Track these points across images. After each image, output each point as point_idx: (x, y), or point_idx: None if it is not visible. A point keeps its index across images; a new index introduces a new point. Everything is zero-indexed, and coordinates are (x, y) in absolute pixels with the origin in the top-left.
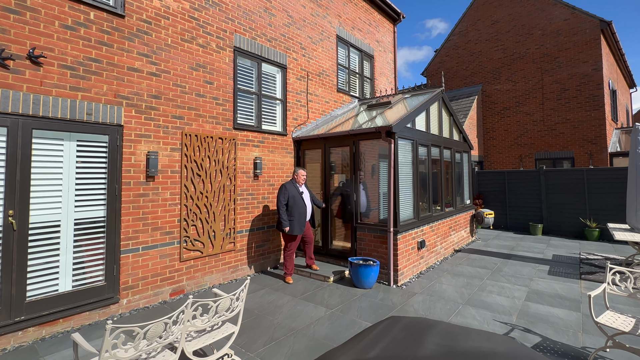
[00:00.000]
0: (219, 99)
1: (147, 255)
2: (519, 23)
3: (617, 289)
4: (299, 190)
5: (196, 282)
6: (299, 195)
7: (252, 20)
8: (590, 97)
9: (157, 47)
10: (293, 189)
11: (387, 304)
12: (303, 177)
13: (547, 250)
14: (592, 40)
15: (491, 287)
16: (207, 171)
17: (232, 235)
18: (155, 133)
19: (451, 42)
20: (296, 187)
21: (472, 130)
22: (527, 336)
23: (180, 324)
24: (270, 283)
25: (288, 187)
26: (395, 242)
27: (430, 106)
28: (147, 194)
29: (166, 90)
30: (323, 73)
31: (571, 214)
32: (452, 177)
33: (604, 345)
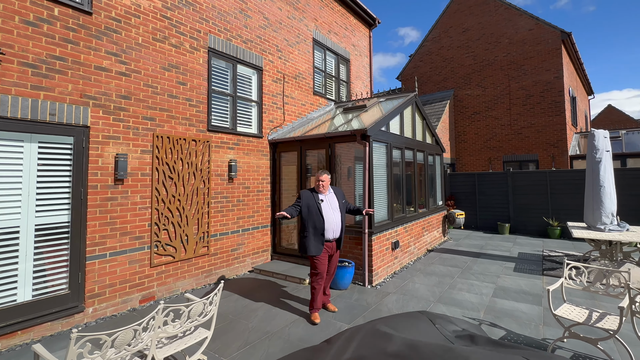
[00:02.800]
0: (192, 100)
1: (115, 261)
2: (488, 31)
3: (573, 283)
4: (315, 198)
5: (168, 288)
6: (314, 204)
7: (227, 22)
8: (553, 103)
9: (127, 46)
10: (309, 196)
11: (361, 304)
12: (322, 182)
13: (513, 249)
14: (553, 49)
15: (461, 285)
16: (179, 174)
17: (206, 239)
18: (124, 135)
19: (425, 47)
20: (314, 194)
21: (444, 133)
22: (493, 330)
23: (151, 330)
24: (245, 287)
25: (303, 193)
26: (370, 243)
27: (404, 110)
28: (115, 198)
29: (136, 91)
30: (299, 76)
31: (536, 213)
32: (425, 179)
33: (561, 336)
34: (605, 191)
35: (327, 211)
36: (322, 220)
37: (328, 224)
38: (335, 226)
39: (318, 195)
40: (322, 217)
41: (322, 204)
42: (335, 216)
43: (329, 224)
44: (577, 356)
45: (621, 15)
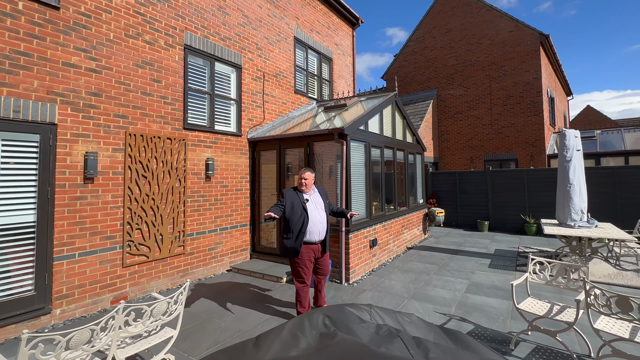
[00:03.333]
0: (167, 98)
1: (84, 261)
2: (470, 32)
3: (537, 277)
4: (301, 197)
5: (141, 288)
6: (300, 204)
7: (205, 19)
8: (531, 104)
9: (97, 42)
10: (293, 195)
11: (337, 301)
12: (305, 181)
13: (490, 245)
14: (532, 51)
15: (436, 282)
16: (153, 172)
17: (182, 238)
18: (95, 132)
19: (409, 47)
20: (299, 193)
21: (428, 132)
22: (462, 325)
23: (111, 330)
24: (221, 286)
25: (287, 191)
26: (347, 241)
27: (383, 109)
28: (85, 197)
29: (108, 88)
30: (280, 74)
31: (513, 211)
32: (406, 177)
33: (525, 329)
34: (575, 189)
35: (313, 211)
36: (307, 220)
37: (314, 225)
38: (321, 227)
39: (303, 195)
40: (308, 217)
41: (307, 204)
42: (321, 217)
43: (315, 225)
44: (539, 348)
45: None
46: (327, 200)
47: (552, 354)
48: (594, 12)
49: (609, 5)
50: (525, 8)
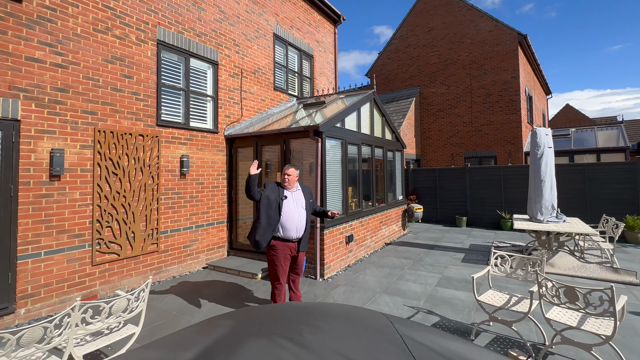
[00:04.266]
0: (139, 94)
1: (51, 260)
2: (452, 31)
3: (498, 270)
4: (279, 192)
5: (112, 286)
6: (276, 199)
7: (179, 14)
8: (510, 102)
9: (63, 36)
10: (273, 188)
11: (309, 296)
12: (287, 177)
13: (467, 240)
14: (511, 50)
15: (409, 276)
16: (125, 169)
17: (155, 235)
18: (61, 129)
19: (393, 45)
20: (280, 189)
21: (410, 130)
22: (429, 317)
23: (67, 327)
24: (196, 283)
25: (269, 184)
26: (322, 237)
27: (361, 107)
28: (51, 195)
29: (75, 84)
30: (259, 71)
31: (490, 207)
32: (385, 174)
33: (486, 319)
34: (545, 185)
35: (291, 209)
36: (278, 217)
37: (291, 222)
38: (300, 225)
39: (283, 191)
40: (280, 214)
41: (284, 201)
42: (300, 215)
43: (292, 222)
44: (499, 337)
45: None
46: (311, 200)
47: (510, 342)
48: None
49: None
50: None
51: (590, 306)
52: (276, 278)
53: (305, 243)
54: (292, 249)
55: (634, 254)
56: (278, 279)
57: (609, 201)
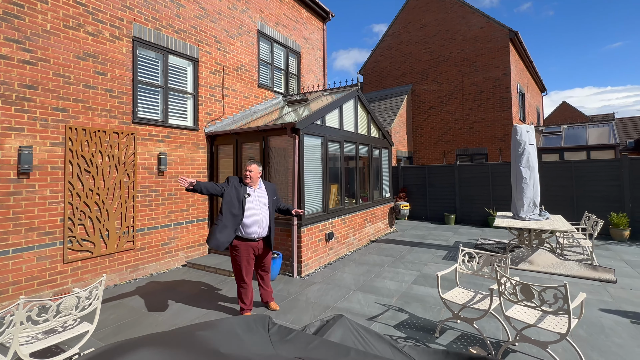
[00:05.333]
0: (114, 91)
1: (19, 257)
2: (444, 28)
3: (465, 268)
4: (242, 190)
5: (85, 284)
6: (238, 196)
7: (156, 10)
8: (501, 99)
9: (31, 33)
10: (236, 185)
11: (282, 294)
12: (249, 173)
13: (452, 238)
14: (502, 47)
15: (387, 274)
16: (98, 167)
17: (131, 233)
18: (30, 126)
19: (385, 42)
20: (242, 185)
21: (402, 127)
22: (397, 314)
23: (10, 326)
24: (171, 281)
25: (232, 179)
26: (299, 235)
27: (344, 104)
28: (19, 192)
29: (44, 81)
30: (242, 68)
31: (479, 204)
32: (370, 171)
33: (450, 317)
34: (527, 182)
35: (253, 207)
36: (242, 216)
37: (253, 222)
38: (261, 224)
39: (246, 188)
40: (243, 212)
41: (247, 199)
42: (262, 213)
43: (254, 222)
44: (464, 335)
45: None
46: (275, 197)
47: (475, 340)
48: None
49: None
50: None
51: (546, 304)
52: (241, 278)
53: (270, 241)
54: (256, 248)
55: (616, 251)
56: (243, 279)
57: (595, 198)
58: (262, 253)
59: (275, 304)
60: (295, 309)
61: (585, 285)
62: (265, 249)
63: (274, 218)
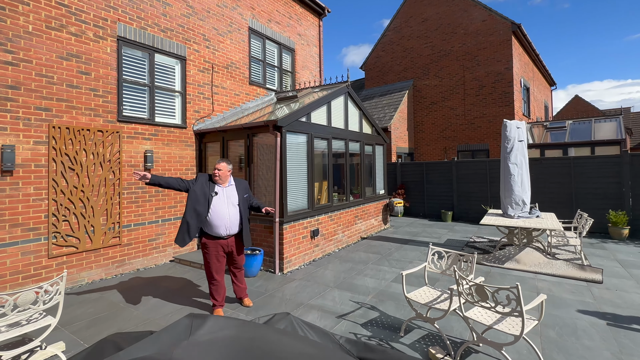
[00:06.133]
0: (98, 90)
1: (4, 252)
2: (445, 22)
3: (434, 266)
4: (209, 187)
5: (71, 278)
6: (202, 193)
7: (141, 9)
8: (503, 94)
9: (13, 34)
10: (204, 182)
11: (260, 290)
12: (218, 171)
13: (445, 235)
14: (504, 41)
15: (369, 271)
16: (82, 165)
17: (117, 229)
18: (12, 125)
19: (387, 37)
20: (211, 183)
21: (402, 123)
22: (368, 312)
23: None
24: (155, 276)
25: (201, 176)
26: (281, 231)
27: (332, 100)
28: (3, 189)
29: (27, 81)
30: (232, 65)
31: (476, 201)
32: (362, 168)
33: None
34: (515, 180)
35: (220, 205)
36: (206, 213)
37: (220, 220)
38: (229, 222)
39: (214, 186)
40: (209, 209)
41: (213, 197)
42: (230, 212)
43: (221, 220)
44: (429, 335)
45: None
46: (247, 195)
47: (439, 339)
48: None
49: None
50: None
51: (500, 305)
52: (211, 276)
53: (242, 238)
54: (225, 246)
55: (611, 250)
56: (213, 276)
57: (594, 196)
58: (233, 250)
59: (249, 300)
60: (269, 305)
61: (569, 286)
62: (238, 246)
63: (246, 215)
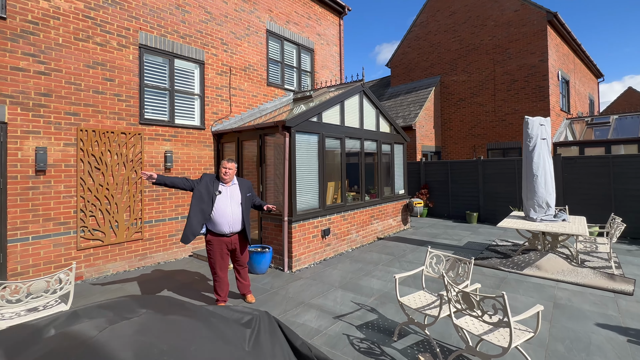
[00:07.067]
0: (121, 95)
1: (38, 244)
2: (474, 14)
3: (432, 270)
4: (213, 187)
5: (97, 269)
6: (210, 192)
7: (162, 18)
8: (537, 88)
9: (45, 46)
10: (209, 182)
11: (265, 287)
12: (228, 170)
13: (466, 238)
14: (539, 31)
15: (377, 272)
16: (107, 165)
17: (139, 225)
18: (45, 129)
19: (413, 33)
20: (215, 182)
21: (429, 121)
22: (367, 315)
23: None
24: (172, 270)
25: (206, 176)
26: (289, 230)
27: (346, 100)
28: (37, 187)
29: (57, 88)
30: (249, 67)
31: (504, 202)
32: (379, 167)
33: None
34: (538, 180)
35: (224, 204)
36: (210, 211)
37: (223, 218)
38: (233, 220)
39: (218, 185)
40: (212, 207)
41: (218, 196)
42: (234, 210)
43: (224, 218)
44: (425, 340)
45: None
46: (250, 194)
47: (432, 345)
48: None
49: None
50: None
51: (486, 314)
52: (215, 272)
53: (246, 236)
54: (228, 243)
55: None
56: (216, 273)
57: (636, 198)
58: (237, 248)
59: (252, 297)
60: (270, 302)
61: (592, 296)
62: (241, 244)
63: (248, 214)
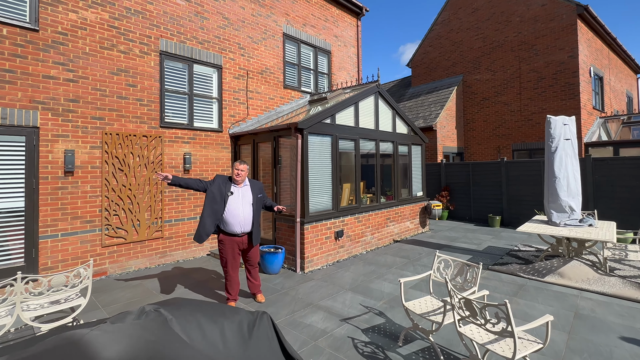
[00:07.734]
0: (143, 100)
1: (66, 240)
2: (498, 10)
3: (440, 275)
4: (226, 187)
5: (120, 265)
6: (222, 194)
7: (181, 25)
8: (566, 86)
9: (74, 55)
10: (221, 183)
11: (276, 287)
12: (240, 171)
13: (487, 242)
14: (568, 26)
15: (390, 276)
16: (130, 166)
17: (160, 224)
18: (73, 133)
19: (434, 31)
20: (227, 183)
21: (450, 121)
22: (374, 318)
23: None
24: (189, 268)
25: (219, 177)
26: (302, 231)
27: (360, 101)
28: (66, 187)
29: (85, 95)
30: (266, 71)
31: (529, 205)
32: (395, 169)
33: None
34: (560, 183)
35: (235, 204)
36: (222, 212)
37: (234, 218)
38: (244, 221)
39: (230, 186)
40: (224, 207)
41: (230, 197)
42: (245, 210)
43: (236, 218)
44: (429, 348)
45: None
46: (260, 195)
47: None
48: None
49: None
50: None
51: (489, 322)
52: (226, 271)
53: (256, 237)
54: (240, 243)
55: None
56: (228, 272)
57: None
58: (247, 248)
59: (262, 297)
60: (279, 302)
61: (619, 307)
62: (251, 244)
63: (259, 215)
